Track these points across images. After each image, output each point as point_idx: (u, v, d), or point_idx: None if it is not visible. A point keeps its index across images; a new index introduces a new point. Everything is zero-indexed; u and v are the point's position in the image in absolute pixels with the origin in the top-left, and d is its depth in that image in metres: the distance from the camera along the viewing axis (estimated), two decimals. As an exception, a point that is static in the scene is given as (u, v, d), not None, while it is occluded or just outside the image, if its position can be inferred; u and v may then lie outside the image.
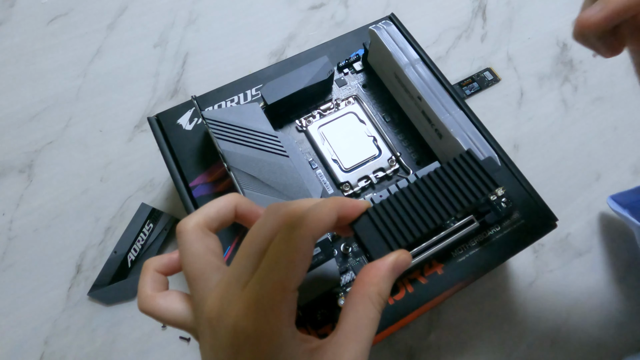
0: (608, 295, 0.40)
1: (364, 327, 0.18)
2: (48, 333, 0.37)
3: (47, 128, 0.45)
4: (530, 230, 0.32)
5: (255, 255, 0.18)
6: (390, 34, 0.33)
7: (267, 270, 0.18)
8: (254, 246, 0.19)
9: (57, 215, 0.41)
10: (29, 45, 0.50)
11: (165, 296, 0.21)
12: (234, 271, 0.19)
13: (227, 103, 0.36)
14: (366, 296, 0.19)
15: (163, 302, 0.21)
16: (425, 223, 0.22)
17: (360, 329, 0.18)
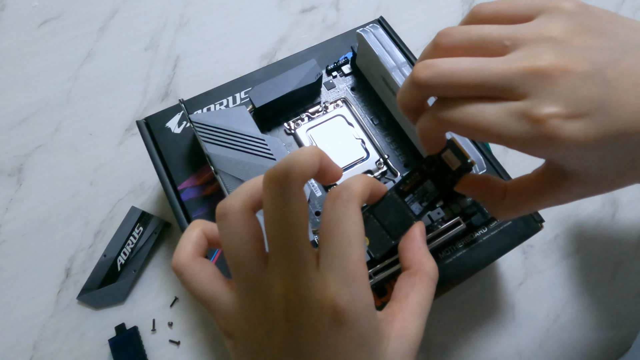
0: (597, 296, 0.40)
1: (427, 305, 0.20)
2: (37, 337, 0.37)
3: (36, 132, 0.45)
4: (517, 232, 0.33)
5: (306, 238, 0.18)
6: (377, 37, 0.34)
7: (339, 248, 0.18)
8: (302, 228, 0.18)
9: (46, 219, 0.41)
10: (19, 49, 0.49)
11: (205, 263, 0.20)
12: (293, 257, 0.18)
13: (216, 106, 0.36)
14: (426, 276, 0.21)
15: (201, 268, 0.20)
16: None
17: (424, 307, 0.20)
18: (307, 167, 0.18)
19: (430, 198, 0.23)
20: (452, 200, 0.32)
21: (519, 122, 0.17)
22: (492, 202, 0.23)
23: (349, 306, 0.17)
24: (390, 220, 0.23)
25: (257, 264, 0.19)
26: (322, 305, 0.17)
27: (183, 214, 0.32)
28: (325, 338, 0.17)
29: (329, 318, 0.17)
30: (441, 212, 0.30)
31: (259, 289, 0.19)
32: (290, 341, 0.18)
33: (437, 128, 0.20)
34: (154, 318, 0.37)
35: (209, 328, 0.37)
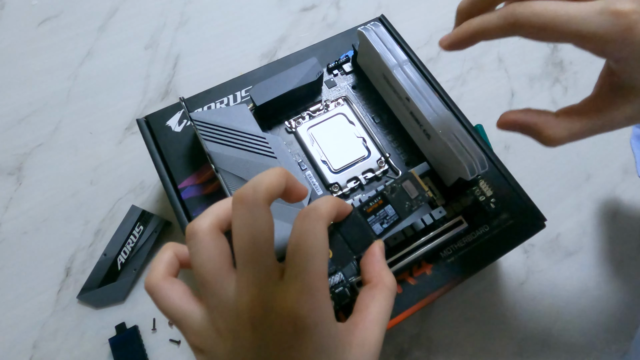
0: (598, 295, 0.40)
1: (386, 314, 0.22)
2: (37, 336, 0.36)
3: (36, 130, 0.45)
4: (519, 231, 0.33)
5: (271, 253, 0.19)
6: (378, 35, 0.34)
7: (304, 261, 0.19)
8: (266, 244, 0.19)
9: (46, 218, 0.41)
10: (19, 47, 0.49)
11: (176, 283, 0.21)
12: (259, 270, 0.19)
13: (217, 105, 0.36)
14: (385, 288, 0.22)
15: (171, 288, 0.21)
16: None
17: (383, 316, 0.21)
18: (272, 188, 0.20)
19: (390, 221, 0.26)
20: (454, 199, 0.32)
21: (600, 16, 0.19)
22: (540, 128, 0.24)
23: (308, 314, 0.18)
24: (353, 237, 0.25)
25: (225, 278, 0.20)
26: (283, 313, 0.18)
27: (183, 212, 0.32)
28: (288, 345, 0.18)
29: (290, 326, 0.18)
30: (443, 210, 0.30)
31: (227, 301, 0.19)
32: (256, 351, 0.19)
33: (506, 25, 0.22)
34: (154, 317, 0.37)
35: (209, 327, 0.37)
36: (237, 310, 0.19)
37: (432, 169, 0.33)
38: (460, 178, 0.31)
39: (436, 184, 0.33)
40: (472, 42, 0.24)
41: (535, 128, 0.24)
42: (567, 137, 0.24)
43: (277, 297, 0.19)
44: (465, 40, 0.24)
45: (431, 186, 0.32)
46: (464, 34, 0.24)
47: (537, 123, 0.24)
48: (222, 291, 0.20)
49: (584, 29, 0.20)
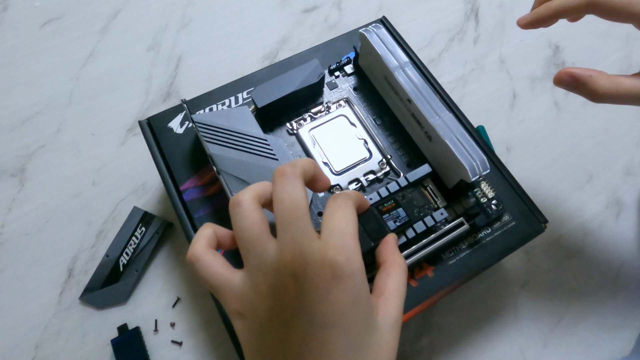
0: (600, 297, 0.40)
1: (402, 289, 0.24)
2: (39, 337, 0.37)
3: (39, 132, 0.45)
4: (521, 233, 0.32)
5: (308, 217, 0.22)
6: (380, 37, 0.34)
7: (340, 224, 0.22)
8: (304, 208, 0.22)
9: (48, 219, 0.41)
10: (22, 49, 0.49)
11: (216, 255, 0.23)
12: (298, 228, 0.21)
13: (218, 106, 0.36)
14: (398, 266, 0.25)
15: (214, 259, 0.23)
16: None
17: (400, 289, 0.24)
18: (307, 168, 0.24)
19: (402, 221, 0.29)
20: (455, 201, 0.32)
21: None
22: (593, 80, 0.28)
23: (345, 263, 0.20)
24: (371, 228, 0.28)
25: (266, 241, 0.22)
26: (322, 263, 0.20)
27: (185, 214, 0.32)
28: (327, 292, 0.20)
29: (329, 273, 0.20)
30: (444, 212, 0.30)
31: (268, 260, 0.22)
32: (298, 301, 0.21)
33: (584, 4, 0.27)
34: (156, 318, 0.37)
35: (211, 329, 0.37)
36: (279, 266, 0.21)
37: (434, 171, 0.33)
38: (461, 180, 0.31)
39: (438, 185, 0.33)
40: (551, 20, 0.30)
41: (589, 80, 0.28)
42: (614, 94, 0.27)
43: (317, 251, 0.21)
44: (545, 18, 0.30)
45: (432, 188, 0.32)
46: (544, 12, 0.30)
47: (592, 75, 0.28)
48: (264, 252, 0.22)
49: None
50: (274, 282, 0.21)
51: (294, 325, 0.21)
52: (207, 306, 0.38)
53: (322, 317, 0.20)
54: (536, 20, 0.30)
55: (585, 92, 0.28)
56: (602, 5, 0.27)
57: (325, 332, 0.20)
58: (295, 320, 0.21)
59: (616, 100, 0.28)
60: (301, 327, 0.21)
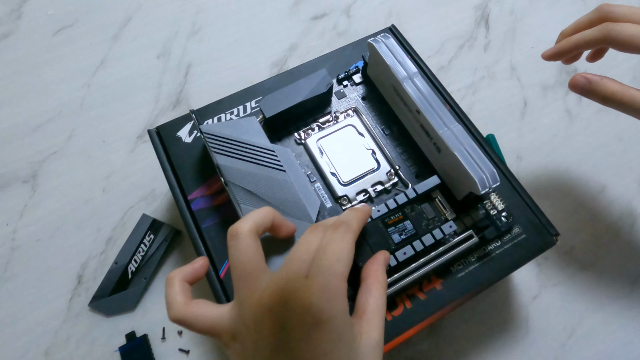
0: (614, 310, 0.39)
1: (382, 305, 0.24)
2: (49, 344, 0.37)
3: (51, 139, 0.46)
4: (531, 246, 0.32)
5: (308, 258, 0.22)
6: (388, 47, 0.33)
7: (329, 263, 0.21)
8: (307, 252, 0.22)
9: (59, 225, 0.42)
10: (35, 57, 0.50)
11: (198, 303, 0.24)
12: (290, 268, 0.22)
13: (227, 115, 0.36)
14: (378, 283, 0.25)
15: (197, 309, 0.24)
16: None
17: (380, 307, 0.24)
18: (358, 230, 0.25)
19: (408, 234, 0.30)
20: (465, 213, 0.32)
21: None
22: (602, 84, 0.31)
23: (325, 307, 0.20)
24: (374, 241, 0.29)
25: (260, 274, 0.23)
26: (303, 305, 0.20)
27: (193, 224, 0.32)
28: (307, 334, 0.20)
29: (309, 317, 0.20)
30: (453, 225, 0.30)
31: (255, 293, 0.22)
32: (277, 336, 0.21)
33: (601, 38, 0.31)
34: (163, 326, 0.37)
35: (218, 337, 0.37)
36: (263, 298, 0.22)
37: (443, 182, 0.32)
38: (471, 192, 0.30)
39: (446, 197, 0.32)
40: (571, 52, 0.34)
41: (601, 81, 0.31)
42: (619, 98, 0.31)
43: (300, 290, 0.21)
44: (566, 50, 0.34)
45: (441, 200, 0.32)
46: (566, 45, 0.34)
47: (604, 78, 0.31)
48: (255, 285, 0.22)
49: None
50: (257, 314, 0.22)
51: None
52: (214, 315, 0.38)
53: (303, 357, 0.21)
54: (558, 53, 0.35)
55: (596, 93, 0.31)
56: (615, 39, 0.31)
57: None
58: (277, 356, 0.21)
59: (620, 105, 0.31)
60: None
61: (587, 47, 0.33)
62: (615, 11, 0.32)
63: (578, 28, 0.35)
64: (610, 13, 0.32)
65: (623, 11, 0.32)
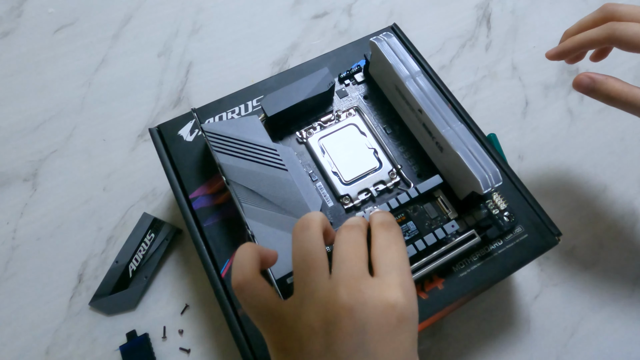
0: (616, 310, 0.39)
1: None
2: (49, 342, 0.37)
3: (51, 137, 0.46)
4: (533, 245, 0.32)
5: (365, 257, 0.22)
6: (390, 46, 0.33)
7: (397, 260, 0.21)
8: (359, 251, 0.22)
9: (60, 224, 0.41)
10: (35, 55, 0.50)
11: (264, 280, 0.22)
12: (353, 267, 0.21)
13: (228, 114, 0.36)
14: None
15: (261, 285, 0.22)
16: None
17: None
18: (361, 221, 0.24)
19: (411, 235, 0.30)
20: (467, 213, 0.32)
21: None
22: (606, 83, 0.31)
23: (409, 305, 0.20)
24: None
25: (325, 270, 0.21)
26: (386, 305, 0.20)
27: (194, 223, 0.32)
28: (391, 334, 0.20)
29: (393, 315, 0.20)
30: (455, 224, 0.30)
31: (324, 291, 0.20)
32: (356, 339, 0.19)
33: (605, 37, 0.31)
34: (164, 325, 0.37)
35: (219, 336, 0.37)
36: (335, 299, 0.20)
37: (445, 182, 0.32)
38: (473, 192, 0.30)
39: (449, 196, 0.32)
40: (575, 51, 0.34)
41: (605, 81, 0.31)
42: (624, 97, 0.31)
43: (375, 289, 0.20)
44: (570, 50, 0.34)
45: (443, 199, 0.32)
46: (570, 44, 0.34)
47: (609, 77, 0.32)
48: (321, 281, 0.21)
49: None
50: (328, 317, 0.20)
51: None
52: (215, 314, 0.38)
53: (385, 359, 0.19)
54: (563, 52, 0.35)
55: (601, 92, 0.32)
56: (620, 39, 0.31)
57: None
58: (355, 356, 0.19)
59: (625, 104, 0.31)
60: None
61: (591, 46, 0.33)
62: (620, 10, 0.32)
63: (582, 27, 0.34)
64: (615, 12, 0.32)
65: (627, 10, 0.32)
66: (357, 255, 0.22)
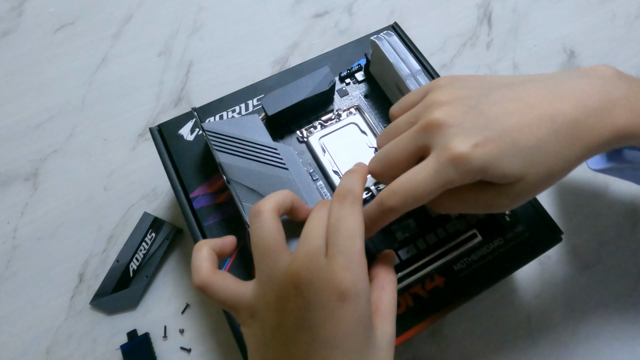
0: (617, 309, 0.39)
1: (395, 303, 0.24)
2: (50, 342, 0.37)
3: (52, 136, 0.46)
4: (535, 244, 0.32)
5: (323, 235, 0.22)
6: (391, 45, 0.33)
7: (346, 240, 0.21)
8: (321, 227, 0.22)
9: (60, 223, 0.41)
10: (36, 54, 0.50)
11: (223, 274, 0.24)
12: (310, 246, 0.22)
13: (229, 113, 0.36)
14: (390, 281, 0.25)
15: (222, 279, 0.23)
16: None
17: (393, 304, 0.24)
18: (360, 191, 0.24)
19: (412, 232, 0.30)
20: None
21: (448, 166, 0.22)
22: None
23: (352, 286, 0.20)
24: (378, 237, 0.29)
25: (281, 252, 0.23)
26: (329, 284, 0.20)
27: (195, 222, 0.32)
28: (332, 312, 0.20)
29: (335, 295, 0.20)
30: (457, 223, 0.30)
31: (279, 271, 0.22)
32: (301, 315, 0.21)
33: (381, 215, 0.24)
34: (165, 325, 0.37)
35: (220, 336, 0.37)
36: (287, 277, 0.22)
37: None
38: (474, 190, 0.30)
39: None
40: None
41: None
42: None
43: (324, 269, 0.21)
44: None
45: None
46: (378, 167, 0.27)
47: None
48: (278, 262, 0.22)
49: (443, 185, 0.22)
50: (281, 293, 0.22)
51: (298, 339, 0.21)
52: (216, 313, 0.38)
53: (326, 336, 0.20)
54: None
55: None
56: (395, 208, 0.24)
57: (327, 352, 0.20)
58: (299, 334, 0.21)
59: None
60: (304, 343, 0.21)
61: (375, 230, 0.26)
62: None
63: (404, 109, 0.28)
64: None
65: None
66: (317, 233, 0.22)
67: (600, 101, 0.23)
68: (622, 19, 0.54)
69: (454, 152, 0.22)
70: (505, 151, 0.22)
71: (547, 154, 0.23)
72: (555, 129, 0.23)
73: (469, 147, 0.22)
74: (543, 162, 0.23)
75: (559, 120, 0.23)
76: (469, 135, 0.22)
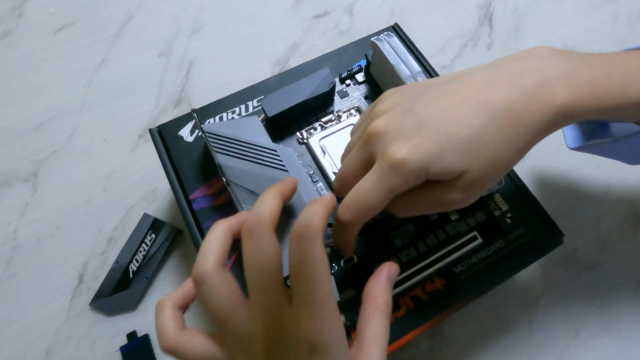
0: (618, 311, 0.39)
1: (381, 335, 0.22)
2: (50, 343, 0.37)
3: (52, 137, 0.45)
4: (536, 247, 0.32)
5: (280, 280, 0.20)
6: (392, 46, 0.33)
7: (309, 285, 0.19)
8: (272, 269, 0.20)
9: (60, 224, 0.41)
10: (36, 55, 0.50)
11: (190, 332, 0.22)
12: (267, 299, 0.20)
13: (228, 115, 0.36)
14: (377, 309, 0.23)
15: (189, 339, 0.21)
16: None
17: (378, 337, 0.22)
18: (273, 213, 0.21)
19: (411, 237, 0.30)
20: (468, 214, 0.32)
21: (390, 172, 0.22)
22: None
23: (321, 338, 0.19)
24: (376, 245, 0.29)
25: (239, 313, 0.21)
26: (297, 340, 0.19)
27: (195, 224, 0.32)
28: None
29: (305, 351, 0.19)
30: (457, 226, 0.30)
31: (243, 335, 0.20)
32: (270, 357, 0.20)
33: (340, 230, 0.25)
34: (164, 326, 0.37)
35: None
36: (253, 341, 0.20)
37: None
38: (475, 192, 0.30)
39: (450, 197, 0.32)
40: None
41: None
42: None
43: (289, 323, 0.20)
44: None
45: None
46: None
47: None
48: (239, 326, 0.20)
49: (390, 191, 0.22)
50: (250, 357, 0.20)
51: None
52: (216, 315, 0.38)
53: None
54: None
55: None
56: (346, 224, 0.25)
57: None
58: None
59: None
60: None
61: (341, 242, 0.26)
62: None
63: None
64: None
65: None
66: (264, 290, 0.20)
67: (537, 81, 0.23)
68: (623, 20, 0.54)
69: (392, 158, 0.22)
70: (442, 147, 0.22)
71: (488, 143, 0.22)
72: (491, 117, 0.22)
73: (405, 150, 0.22)
74: (484, 151, 0.22)
75: (493, 107, 0.22)
76: (405, 138, 0.22)
